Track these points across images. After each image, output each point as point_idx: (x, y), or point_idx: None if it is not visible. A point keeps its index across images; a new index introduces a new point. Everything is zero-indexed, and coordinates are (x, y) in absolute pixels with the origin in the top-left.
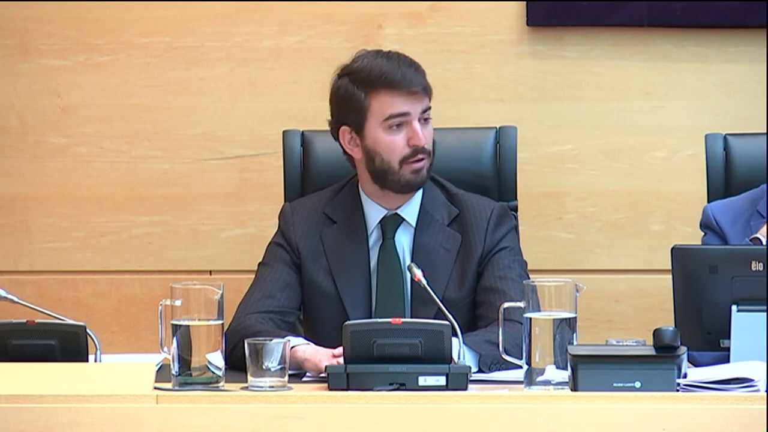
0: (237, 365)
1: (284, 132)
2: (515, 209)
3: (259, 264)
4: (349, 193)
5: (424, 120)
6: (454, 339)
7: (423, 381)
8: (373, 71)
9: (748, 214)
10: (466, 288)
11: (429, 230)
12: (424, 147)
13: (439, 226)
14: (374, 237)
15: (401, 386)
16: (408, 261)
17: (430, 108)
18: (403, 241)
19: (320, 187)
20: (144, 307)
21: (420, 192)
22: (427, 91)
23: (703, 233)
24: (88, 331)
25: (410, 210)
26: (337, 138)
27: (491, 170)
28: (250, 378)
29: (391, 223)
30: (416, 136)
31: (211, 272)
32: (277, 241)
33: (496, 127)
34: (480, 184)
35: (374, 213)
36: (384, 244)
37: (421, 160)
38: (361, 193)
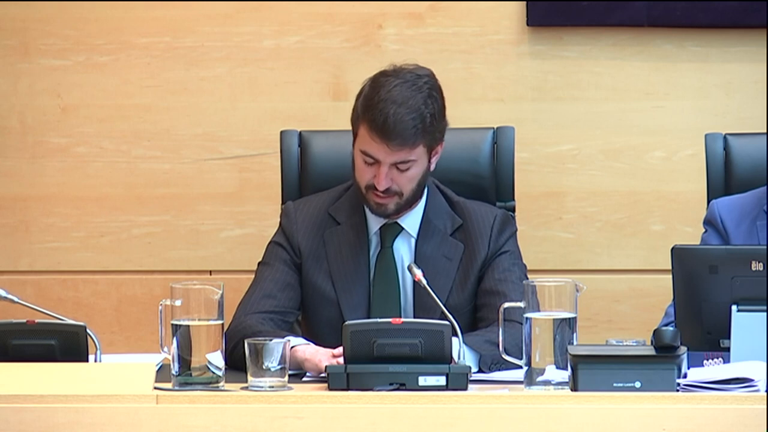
0: (237, 365)
1: (281, 132)
2: (513, 210)
3: (259, 263)
4: (354, 196)
5: (401, 168)
6: (454, 339)
7: (423, 381)
8: (373, 99)
9: (755, 214)
10: (468, 293)
11: (431, 240)
12: (387, 189)
13: (442, 236)
14: (374, 244)
15: (401, 386)
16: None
17: (410, 160)
18: (403, 250)
19: (318, 189)
20: (144, 307)
21: (423, 201)
22: (408, 144)
23: (703, 229)
24: (88, 331)
25: (412, 219)
26: None
27: (489, 171)
28: (250, 378)
29: (390, 232)
30: (377, 180)
31: (211, 272)
32: (278, 241)
33: (493, 128)
34: (477, 185)
35: (374, 219)
36: (382, 253)
37: (384, 198)
38: None
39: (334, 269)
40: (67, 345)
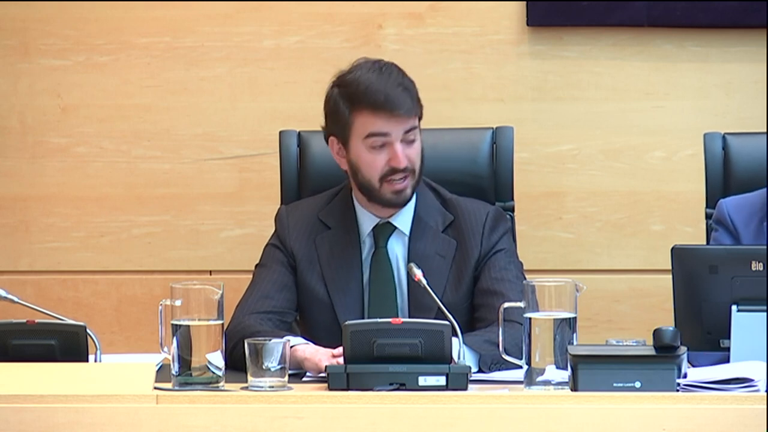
0: (236, 365)
1: (281, 132)
2: (512, 210)
3: (256, 266)
4: (343, 200)
5: (409, 141)
6: (454, 339)
7: (423, 381)
8: (359, 88)
9: (762, 214)
10: (463, 291)
11: (424, 238)
12: (406, 167)
13: (434, 233)
14: (367, 245)
15: (401, 386)
16: (402, 269)
17: (415, 128)
18: (397, 249)
19: (317, 188)
20: (144, 307)
21: (413, 199)
22: (412, 112)
23: (714, 229)
24: (88, 331)
25: (403, 218)
26: (328, 145)
27: (488, 171)
28: (250, 378)
29: (383, 232)
30: (396, 158)
31: (211, 272)
32: (274, 243)
33: (492, 128)
34: (476, 185)
35: (367, 221)
36: (376, 253)
37: (403, 179)
38: (354, 200)
39: (326, 273)
40: (67, 345)
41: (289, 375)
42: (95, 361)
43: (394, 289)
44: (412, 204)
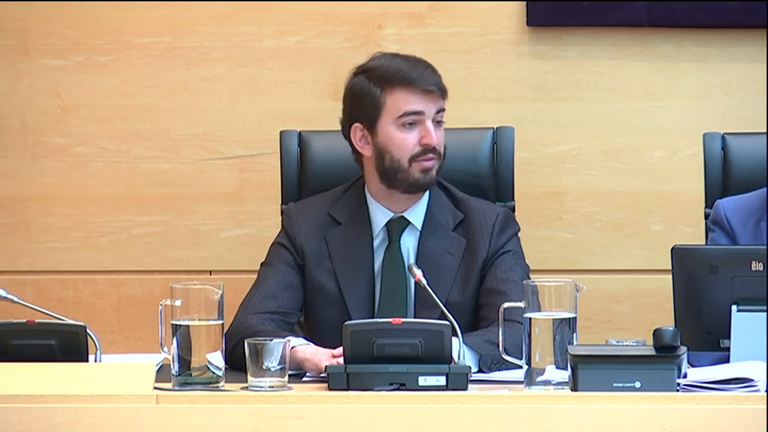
0: (237, 365)
1: (281, 132)
2: (512, 210)
3: (262, 264)
4: (355, 195)
5: (437, 122)
6: (454, 339)
7: (423, 381)
8: (390, 69)
9: (759, 215)
10: (469, 291)
11: (434, 234)
12: (435, 147)
13: (444, 231)
14: (379, 239)
15: (401, 386)
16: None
17: (443, 110)
18: (408, 244)
19: (317, 188)
20: (144, 307)
21: (426, 196)
22: (442, 92)
23: (711, 229)
24: (88, 331)
25: (416, 213)
26: (347, 136)
27: (488, 171)
28: (250, 378)
29: (397, 226)
30: (428, 136)
31: (211, 272)
32: (281, 242)
33: (493, 128)
34: (477, 185)
35: (380, 215)
36: (389, 247)
37: (431, 159)
38: (367, 194)
39: (337, 268)
40: (67, 345)
41: (289, 375)
42: (95, 361)
43: (405, 284)
44: (425, 200)
